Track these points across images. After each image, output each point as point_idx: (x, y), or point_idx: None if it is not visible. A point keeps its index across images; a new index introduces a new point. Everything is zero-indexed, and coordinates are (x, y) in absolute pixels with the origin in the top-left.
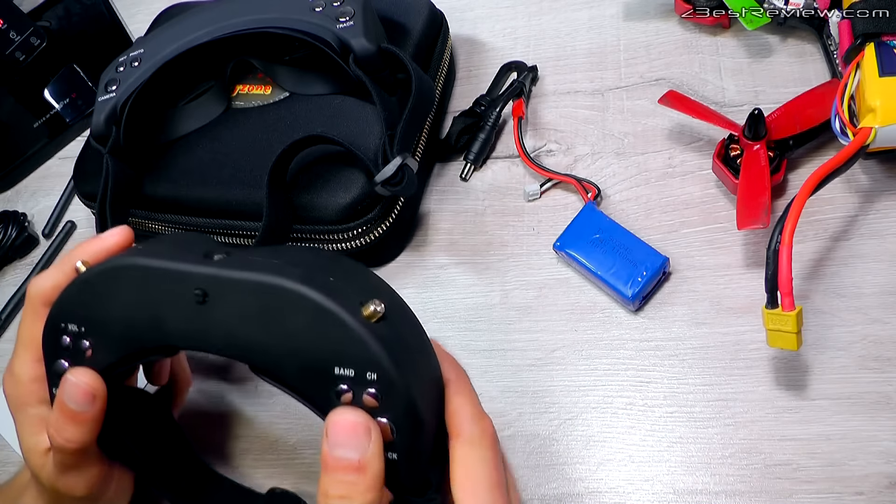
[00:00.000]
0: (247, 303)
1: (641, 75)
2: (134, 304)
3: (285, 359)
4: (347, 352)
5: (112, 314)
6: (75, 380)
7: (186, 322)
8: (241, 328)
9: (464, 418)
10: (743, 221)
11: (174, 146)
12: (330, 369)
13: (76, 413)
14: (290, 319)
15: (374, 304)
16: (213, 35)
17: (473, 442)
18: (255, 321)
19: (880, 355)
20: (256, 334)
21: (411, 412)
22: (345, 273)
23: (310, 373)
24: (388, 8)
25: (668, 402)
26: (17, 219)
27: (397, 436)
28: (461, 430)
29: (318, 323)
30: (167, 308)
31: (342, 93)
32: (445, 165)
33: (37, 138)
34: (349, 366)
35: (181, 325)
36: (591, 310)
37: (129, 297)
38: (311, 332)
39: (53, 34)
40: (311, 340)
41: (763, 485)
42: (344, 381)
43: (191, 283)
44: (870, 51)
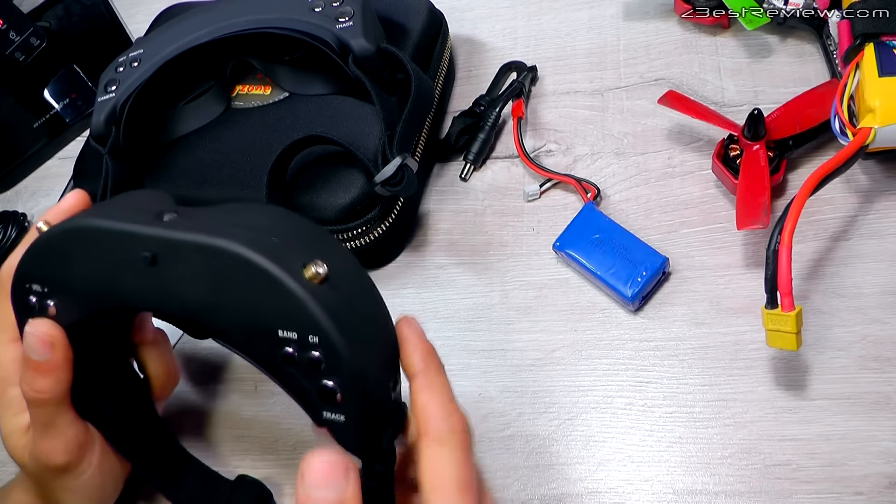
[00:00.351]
0: (194, 265)
1: (641, 75)
2: (90, 265)
3: (233, 321)
4: (289, 314)
5: (71, 274)
6: (32, 330)
7: (138, 283)
8: (190, 290)
9: (431, 415)
10: (743, 221)
11: (174, 146)
12: (274, 331)
13: (40, 363)
14: (235, 282)
15: (315, 265)
16: (213, 35)
17: (441, 440)
18: (202, 283)
19: (880, 355)
20: (204, 296)
21: (356, 376)
22: (295, 235)
23: (256, 335)
24: (388, 8)
25: (668, 402)
26: (17, 219)
27: (343, 399)
28: (428, 428)
29: (260, 285)
30: (120, 270)
31: (342, 93)
32: (445, 165)
33: (37, 138)
34: (291, 328)
35: (134, 287)
36: (590, 310)
37: (86, 258)
38: (255, 294)
39: (53, 34)
40: (255, 303)
41: (763, 485)
42: (288, 343)
43: (140, 245)
44: (869, 51)
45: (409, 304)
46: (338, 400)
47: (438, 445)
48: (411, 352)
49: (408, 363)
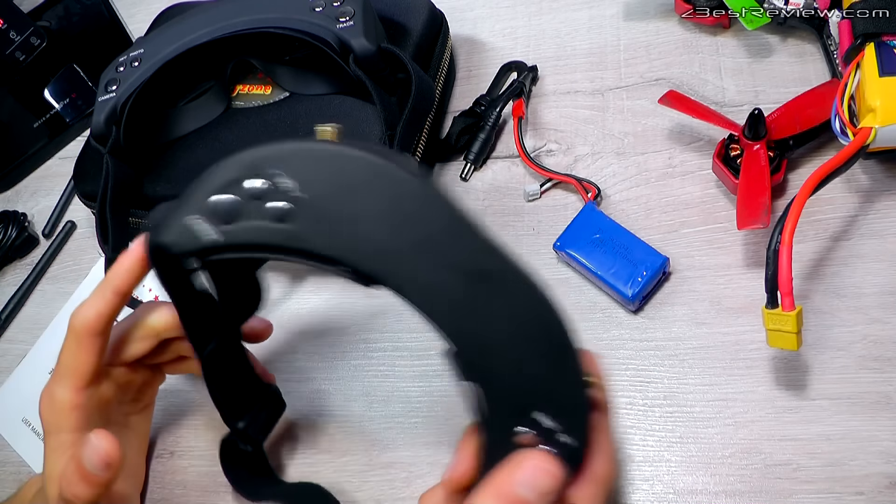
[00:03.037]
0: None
1: (641, 75)
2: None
3: (504, 365)
4: (562, 406)
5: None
6: (96, 443)
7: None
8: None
9: (603, 455)
10: (743, 221)
11: (174, 146)
12: (531, 406)
13: (88, 473)
14: (537, 340)
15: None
16: (213, 35)
17: (600, 481)
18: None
19: (880, 355)
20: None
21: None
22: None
23: (510, 394)
24: (388, 8)
25: (668, 401)
26: (17, 219)
27: None
28: (595, 468)
29: (554, 358)
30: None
31: (342, 93)
32: (445, 165)
33: (37, 138)
34: (552, 416)
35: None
36: (591, 310)
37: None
38: (543, 360)
39: (53, 34)
40: (540, 367)
41: (763, 485)
42: (536, 425)
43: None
44: (870, 51)
45: None
46: None
47: (597, 485)
48: (599, 389)
49: (596, 399)
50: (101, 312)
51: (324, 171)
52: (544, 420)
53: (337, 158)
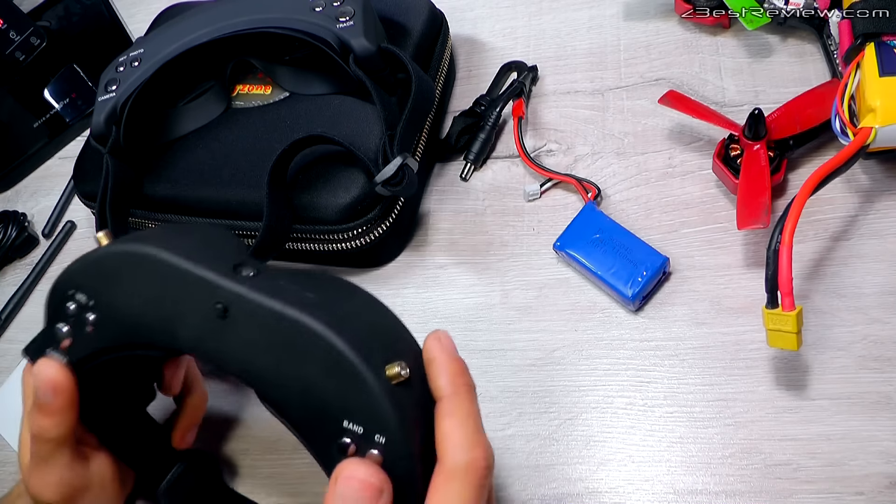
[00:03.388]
0: (268, 331)
1: (641, 75)
2: (152, 297)
3: (295, 397)
4: (361, 409)
5: (126, 299)
6: (38, 371)
7: (201, 332)
8: (257, 355)
9: (451, 445)
10: (743, 221)
11: (174, 146)
12: (339, 420)
13: (43, 404)
14: (311, 361)
15: (399, 366)
16: (213, 35)
17: (456, 476)
18: (273, 352)
19: (880, 355)
20: (271, 365)
21: (410, 477)
22: (381, 326)
23: (317, 418)
24: (388, 8)
25: (668, 402)
26: (17, 219)
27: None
28: (445, 458)
29: (338, 373)
30: (185, 313)
31: (342, 93)
32: (445, 165)
33: (37, 138)
34: (360, 423)
35: (195, 334)
36: (591, 310)
37: (149, 288)
38: (329, 379)
39: (53, 34)
40: (327, 388)
41: (763, 485)
42: (350, 434)
43: (215, 296)
44: (870, 51)
45: (409, 303)
46: None
47: (450, 480)
48: (438, 373)
49: (435, 385)
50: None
51: (101, 273)
52: (354, 427)
53: (104, 260)
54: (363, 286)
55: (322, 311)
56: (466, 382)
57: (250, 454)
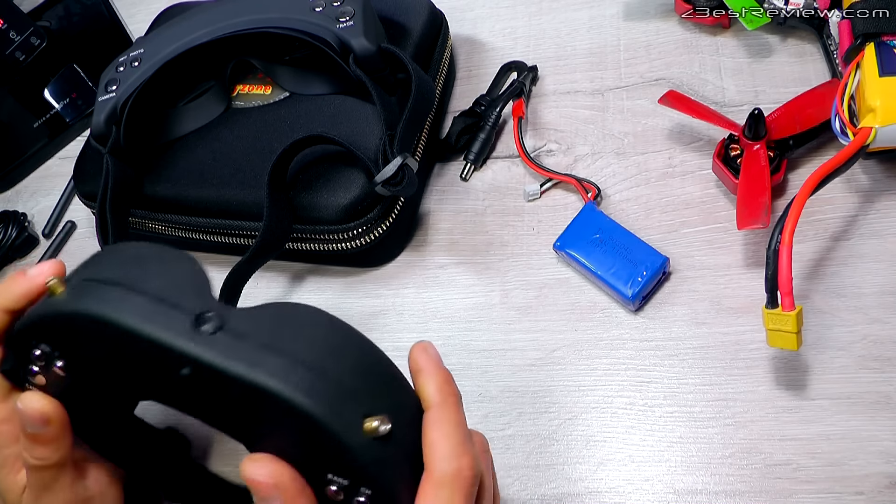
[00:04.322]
0: (239, 396)
1: (641, 75)
2: (114, 357)
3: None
4: (344, 466)
5: (89, 355)
6: (24, 406)
7: (171, 390)
8: (231, 416)
9: (438, 454)
10: (743, 221)
11: (174, 146)
12: (323, 473)
13: (36, 435)
14: (284, 425)
15: (379, 420)
16: (213, 35)
17: (443, 483)
18: (245, 414)
19: (880, 355)
20: (246, 425)
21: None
22: (358, 368)
23: (301, 468)
24: (388, 8)
25: (668, 402)
26: (17, 219)
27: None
28: (432, 467)
29: (313, 435)
30: (150, 372)
31: (342, 93)
32: (445, 165)
33: (37, 138)
34: (344, 476)
35: (166, 392)
36: (591, 310)
37: (109, 349)
38: (307, 441)
39: (53, 34)
40: (306, 446)
41: (763, 485)
42: (336, 485)
43: (177, 360)
44: (870, 51)
45: (409, 303)
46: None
47: (438, 487)
48: (425, 382)
49: (422, 395)
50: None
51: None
52: (340, 480)
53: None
54: (363, 286)
55: (292, 369)
56: (453, 392)
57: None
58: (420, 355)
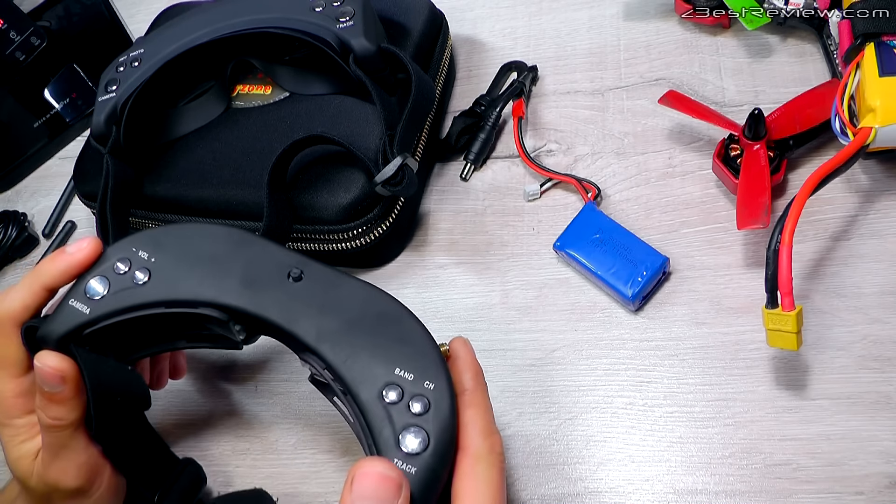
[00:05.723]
0: (339, 294)
1: (641, 75)
2: (225, 258)
3: (353, 350)
4: (417, 359)
5: (193, 257)
6: (41, 363)
7: (273, 295)
8: (326, 313)
9: (474, 431)
10: (743, 221)
11: (174, 146)
12: (391, 369)
13: (53, 394)
14: (377, 320)
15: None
16: (213, 35)
17: (480, 457)
18: (341, 310)
19: (880, 355)
20: (338, 322)
21: (450, 430)
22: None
23: (368, 369)
24: (388, 8)
25: (668, 402)
26: (17, 219)
27: (427, 451)
28: (469, 444)
29: (400, 331)
30: (260, 274)
31: (342, 93)
32: (445, 165)
33: (37, 138)
34: (411, 370)
35: (267, 297)
36: (591, 310)
37: (223, 250)
38: (391, 334)
39: (53, 34)
40: (389, 341)
41: (763, 485)
42: (399, 381)
43: (289, 261)
44: (870, 51)
45: (409, 303)
46: (418, 450)
47: (476, 461)
48: (463, 369)
49: (458, 380)
50: (28, 304)
51: (169, 239)
52: (406, 374)
53: (173, 230)
54: None
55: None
56: (484, 382)
57: (250, 454)
58: (461, 345)
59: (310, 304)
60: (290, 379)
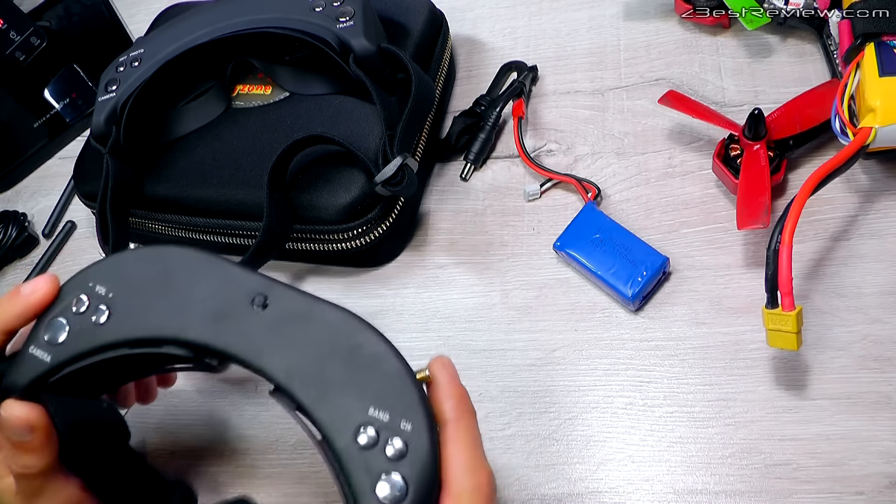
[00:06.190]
0: (307, 323)
1: (641, 75)
2: (185, 290)
3: (323, 387)
4: (391, 396)
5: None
6: (7, 413)
7: (238, 325)
8: (293, 347)
9: (457, 469)
10: (743, 221)
11: (174, 146)
12: (364, 408)
13: (21, 443)
14: (348, 353)
15: (424, 372)
16: (213, 35)
17: (461, 498)
18: (310, 344)
19: (880, 355)
20: (305, 357)
21: (430, 473)
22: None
23: (341, 408)
24: (388, 8)
25: (668, 402)
26: (17, 219)
27: (407, 500)
28: (451, 482)
29: (373, 364)
30: (224, 303)
31: (342, 93)
32: (445, 165)
33: (37, 138)
34: (387, 409)
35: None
36: (591, 310)
37: (182, 283)
38: (363, 371)
39: (53, 34)
40: (360, 378)
41: (763, 485)
42: (375, 422)
43: (249, 287)
44: (870, 51)
45: (409, 303)
46: (396, 499)
47: (458, 502)
48: (443, 397)
49: (439, 410)
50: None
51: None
52: (380, 415)
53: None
54: (363, 286)
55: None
56: (469, 409)
57: (250, 454)
58: (439, 369)
59: (277, 338)
60: None
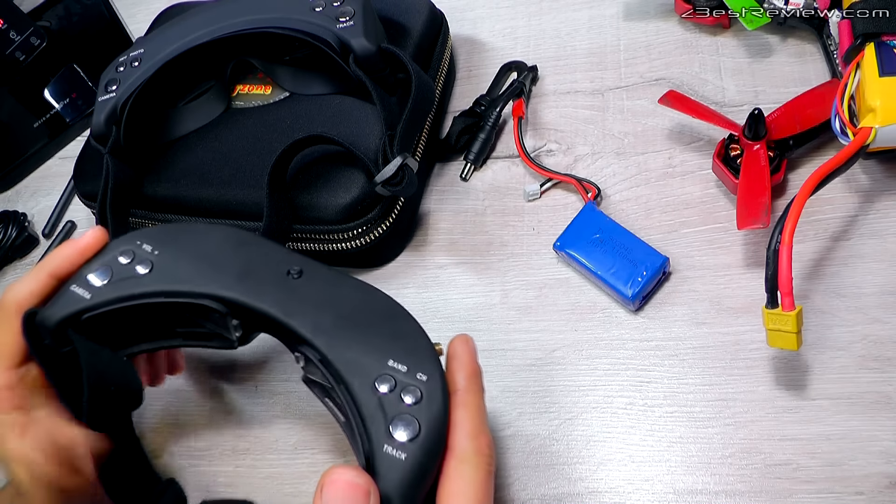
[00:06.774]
0: (337, 290)
1: (641, 75)
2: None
3: (346, 344)
4: (410, 351)
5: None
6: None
7: (272, 290)
8: (322, 308)
9: (462, 432)
10: (743, 221)
11: (174, 146)
12: (384, 360)
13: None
14: (372, 314)
15: (439, 346)
16: (213, 35)
17: (466, 459)
18: (337, 306)
19: (880, 355)
20: (332, 317)
21: (442, 419)
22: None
23: (360, 362)
24: (388, 8)
25: (668, 402)
26: (17, 219)
27: (418, 440)
28: (455, 445)
29: (394, 323)
30: (261, 271)
31: (342, 93)
32: (445, 165)
33: (37, 138)
34: (405, 362)
35: (267, 291)
36: (591, 310)
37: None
38: (385, 328)
39: (53, 34)
40: (382, 334)
41: (763, 485)
42: (392, 373)
43: (290, 261)
44: (870, 51)
45: (409, 303)
46: (409, 439)
47: (461, 463)
48: (458, 368)
49: (452, 378)
50: (33, 291)
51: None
52: (398, 366)
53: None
54: None
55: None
56: (480, 384)
57: (250, 454)
58: (461, 344)
59: (307, 300)
60: (290, 379)
